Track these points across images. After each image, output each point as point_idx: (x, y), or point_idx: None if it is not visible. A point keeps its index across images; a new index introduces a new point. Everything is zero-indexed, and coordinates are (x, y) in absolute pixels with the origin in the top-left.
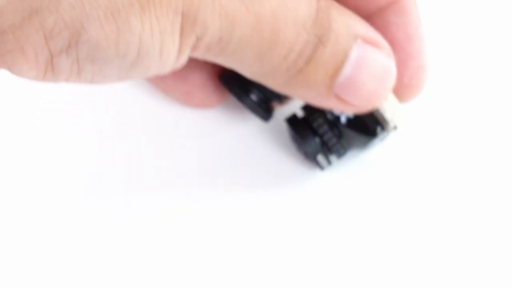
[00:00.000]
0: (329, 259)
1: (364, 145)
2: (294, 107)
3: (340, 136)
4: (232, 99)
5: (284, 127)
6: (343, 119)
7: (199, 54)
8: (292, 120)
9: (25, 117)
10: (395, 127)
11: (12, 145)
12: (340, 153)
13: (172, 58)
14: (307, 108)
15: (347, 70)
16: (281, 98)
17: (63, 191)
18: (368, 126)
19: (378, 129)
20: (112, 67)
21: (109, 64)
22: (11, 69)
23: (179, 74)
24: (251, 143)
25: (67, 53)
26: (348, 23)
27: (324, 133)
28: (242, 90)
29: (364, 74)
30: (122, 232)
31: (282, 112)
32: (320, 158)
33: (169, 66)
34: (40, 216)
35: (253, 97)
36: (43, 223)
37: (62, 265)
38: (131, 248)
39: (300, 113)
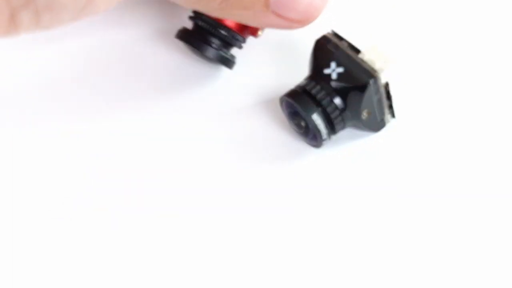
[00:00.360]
0: (322, 234)
1: (359, 102)
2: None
3: (336, 93)
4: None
5: (278, 108)
6: (334, 76)
7: None
8: (292, 93)
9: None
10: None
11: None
12: (339, 120)
13: None
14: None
15: None
16: (240, 42)
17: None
18: (360, 80)
19: (371, 81)
20: (67, 11)
21: (64, 10)
22: None
23: None
24: (246, 123)
25: (27, 7)
26: None
27: (322, 99)
28: (202, 42)
29: None
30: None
31: (276, 92)
32: (319, 123)
33: (114, 2)
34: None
35: (214, 46)
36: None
37: (62, 262)
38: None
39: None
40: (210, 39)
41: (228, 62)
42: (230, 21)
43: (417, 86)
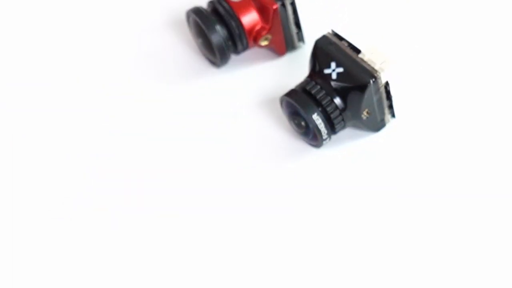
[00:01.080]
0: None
1: (359, 102)
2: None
3: (336, 93)
4: None
5: (278, 108)
6: (334, 76)
7: None
8: (293, 93)
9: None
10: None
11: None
12: (339, 120)
13: None
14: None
15: None
16: (241, 44)
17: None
18: (360, 80)
19: (371, 81)
20: None
21: None
22: None
23: None
24: (246, 123)
25: None
26: None
27: (322, 99)
28: (213, 25)
29: None
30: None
31: (276, 92)
32: (319, 123)
33: None
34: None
35: (221, 34)
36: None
37: (62, 261)
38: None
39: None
40: (220, 26)
41: (223, 54)
42: (244, 19)
43: (417, 86)
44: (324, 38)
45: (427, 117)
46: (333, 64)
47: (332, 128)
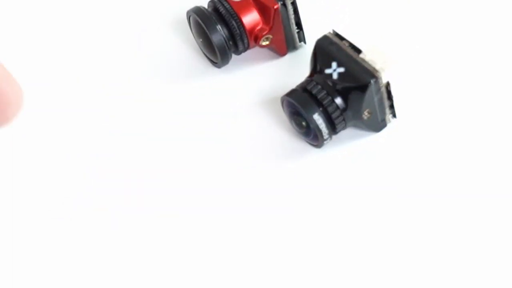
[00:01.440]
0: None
1: (360, 102)
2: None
3: (337, 93)
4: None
5: (279, 107)
6: (335, 76)
7: None
8: (293, 93)
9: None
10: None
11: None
12: (340, 120)
13: None
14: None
15: None
16: (242, 43)
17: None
18: (361, 80)
19: (372, 81)
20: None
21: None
22: None
23: None
24: (247, 123)
25: None
26: None
27: (323, 99)
28: (214, 24)
29: None
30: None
31: (276, 92)
32: (320, 122)
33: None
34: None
35: (222, 34)
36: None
37: (62, 261)
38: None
39: None
40: (221, 26)
41: (224, 54)
42: (245, 19)
43: (419, 86)
44: (325, 38)
45: (428, 117)
46: (334, 64)
47: (333, 128)
